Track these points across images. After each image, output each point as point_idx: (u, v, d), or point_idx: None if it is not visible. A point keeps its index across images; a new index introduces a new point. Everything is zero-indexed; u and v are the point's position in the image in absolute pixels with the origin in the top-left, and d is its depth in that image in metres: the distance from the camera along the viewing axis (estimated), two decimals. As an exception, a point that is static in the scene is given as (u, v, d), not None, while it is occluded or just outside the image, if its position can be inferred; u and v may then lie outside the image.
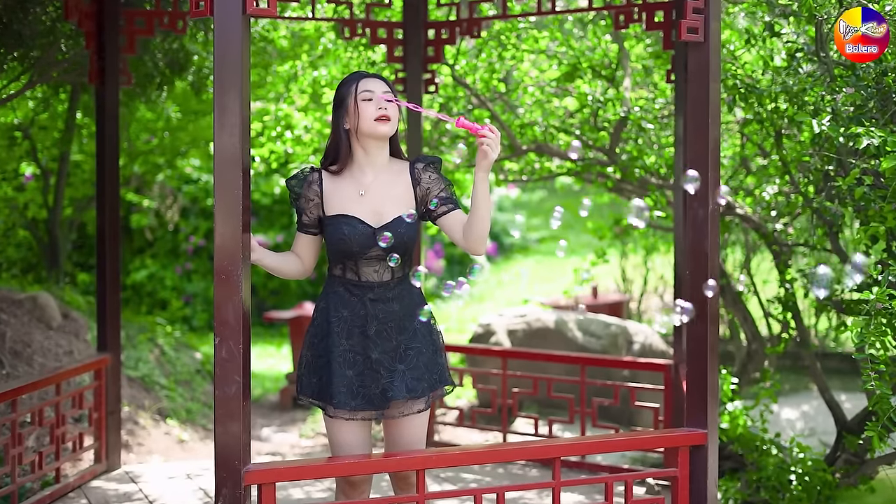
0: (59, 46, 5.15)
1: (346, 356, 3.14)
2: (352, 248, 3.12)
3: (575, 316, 6.83)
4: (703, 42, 3.33)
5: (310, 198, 3.20)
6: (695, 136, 3.37)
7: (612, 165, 5.47)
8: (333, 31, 6.15)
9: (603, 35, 5.93)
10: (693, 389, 3.41)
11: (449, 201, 3.18)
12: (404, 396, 3.11)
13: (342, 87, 3.20)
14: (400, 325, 3.16)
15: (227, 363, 2.86)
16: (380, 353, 3.13)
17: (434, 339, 3.23)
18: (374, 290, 3.15)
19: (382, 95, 3.14)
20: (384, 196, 3.17)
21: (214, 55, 2.85)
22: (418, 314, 3.18)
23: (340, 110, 3.18)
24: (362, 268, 3.16)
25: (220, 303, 2.85)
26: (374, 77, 3.19)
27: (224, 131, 2.84)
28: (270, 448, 6.25)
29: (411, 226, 3.15)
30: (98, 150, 4.82)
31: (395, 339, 3.15)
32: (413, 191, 3.20)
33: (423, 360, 3.16)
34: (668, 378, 4.72)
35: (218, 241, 2.85)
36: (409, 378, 3.12)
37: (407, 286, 3.20)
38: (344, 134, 3.18)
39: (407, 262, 3.22)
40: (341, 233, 3.12)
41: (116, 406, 4.90)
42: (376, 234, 3.12)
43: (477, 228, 3.06)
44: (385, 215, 3.15)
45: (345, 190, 3.18)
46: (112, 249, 4.80)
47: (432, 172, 3.21)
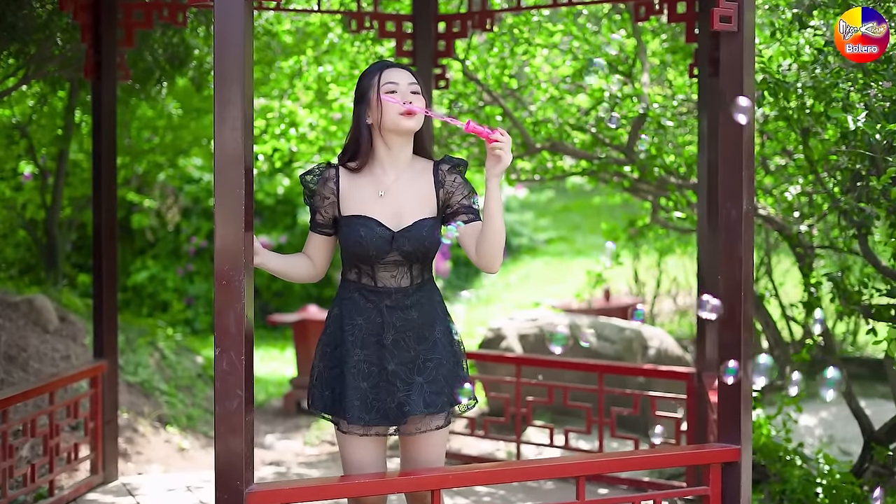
0: (55, 40, 4.96)
1: (361, 367, 2.92)
2: (368, 251, 2.91)
3: (588, 320, 6.62)
4: (736, 32, 3.12)
5: (325, 196, 2.98)
6: (728, 132, 3.16)
7: (629, 164, 5.25)
8: (340, 24, 5.93)
9: (618, 29, 5.72)
10: (725, 402, 3.20)
11: (470, 210, 2.96)
12: (422, 411, 2.89)
13: (364, 79, 2.97)
14: (419, 334, 2.94)
15: (228, 376, 2.65)
16: (396, 364, 2.92)
17: (455, 350, 3.01)
18: (392, 296, 2.94)
19: (408, 88, 2.92)
20: (405, 198, 2.95)
21: (214, 44, 2.65)
22: (438, 323, 2.97)
23: (362, 104, 2.96)
24: (379, 273, 2.94)
25: (221, 310, 2.64)
26: (399, 67, 2.97)
27: (225, 125, 2.64)
28: (274, 456, 6.04)
29: (433, 229, 2.94)
30: (94, 148, 4.61)
31: (414, 350, 2.94)
32: (436, 193, 2.98)
33: (443, 372, 2.94)
34: (690, 387, 4.51)
35: (218, 243, 2.65)
36: (427, 392, 2.91)
37: (427, 293, 2.99)
38: (366, 129, 2.96)
39: (428, 268, 3.01)
40: (357, 235, 2.91)
41: (113, 415, 4.70)
42: (395, 239, 2.91)
43: (490, 242, 2.84)
44: (405, 218, 2.93)
45: (363, 189, 2.97)
46: (109, 251, 4.60)
47: (457, 176, 2.99)
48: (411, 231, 2.91)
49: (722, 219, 3.19)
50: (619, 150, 5.32)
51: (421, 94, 2.96)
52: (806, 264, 5.12)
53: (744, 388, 3.17)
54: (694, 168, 5.26)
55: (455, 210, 2.97)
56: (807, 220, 5.25)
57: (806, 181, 5.12)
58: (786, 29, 4.49)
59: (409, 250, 2.91)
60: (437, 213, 2.98)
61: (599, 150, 5.52)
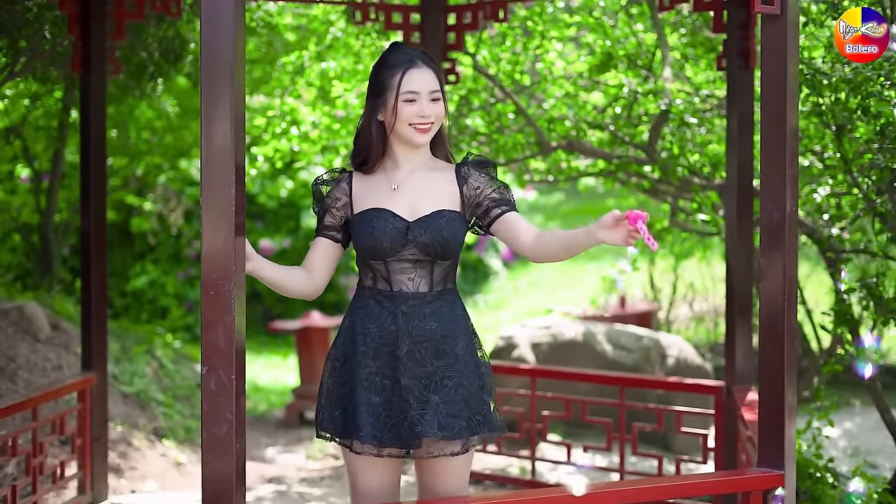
0: (44, 34, 4.69)
1: (373, 379, 2.63)
2: (382, 244, 2.63)
3: (604, 327, 6.32)
4: (779, 15, 2.83)
5: (337, 197, 2.73)
6: (771, 125, 2.87)
7: (650, 164, 4.95)
8: (343, 17, 5.65)
9: (635, 23, 5.42)
10: (767, 423, 2.90)
11: (502, 202, 2.70)
12: (435, 434, 2.58)
13: (383, 72, 2.69)
14: (437, 347, 2.65)
15: (216, 397, 2.37)
16: (410, 378, 2.62)
17: (480, 373, 2.71)
18: (408, 301, 2.65)
19: (429, 96, 2.66)
20: (421, 189, 2.70)
21: (202, 28, 2.36)
22: (460, 338, 2.68)
23: (377, 99, 2.69)
24: (395, 274, 2.66)
25: (209, 324, 2.36)
26: (425, 66, 2.69)
27: (213, 117, 2.36)
28: (275, 471, 5.75)
29: (454, 222, 2.66)
30: (83, 146, 4.33)
31: (430, 364, 2.64)
32: (459, 189, 2.71)
33: (464, 393, 2.64)
34: (718, 402, 4.21)
35: (206, 249, 2.37)
36: (443, 413, 2.60)
37: (448, 303, 2.69)
38: (377, 125, 2.70)
39: (451, 274, 2.72)
40: (370, 227, 2.64)
41: (103, 430, 4.41)
42: (410, 230, 2.63)
43: (556, 252, 2.62)
44: (422, 208, 2.67)
45: (376, 186, 2.71)
46: (98, 256, 4.31)
47: (482, 172, 2.73)
48: (428, 220, 2.65)
49: (763, 221, 2.91)
50: (639, 149, 5.02)
51: (442, 101, 2.70)
52: (837, 270, 4.83)
53: (787, 405, 2.88)
54: (718, 168, 4.97)
55: (487, 207, 2.71)
56: (837, 223, 4.96)
57: (836, 182, 4.83)
58: (819, 19, 4.20)
59: (426, 241, 2.63)
60: (460, 209, 2.70)
61: (618, 149, 5.22)
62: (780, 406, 2.88)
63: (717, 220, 5.02)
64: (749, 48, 4.04)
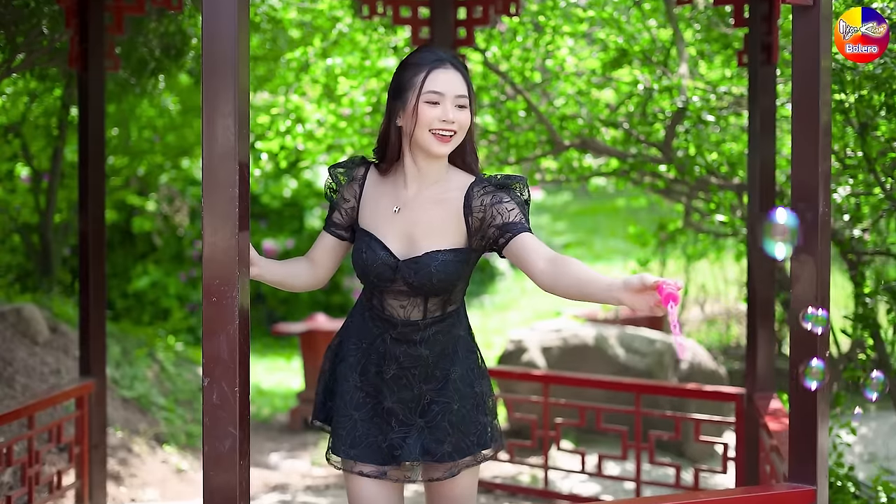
0: (41, 29, 4.55)
1: (356, 394, 2.51)
2: (369, 277, 2.48)
3: (616, 331, 6.17)
4: (812, 6, 2.68)
5: (346, 198, 2.56)
6: (802, 122, 2.72)
7: (666, 163, 4.80)
8: (350, 12, 5.49)
9: (648, 18, 5.27)
10: (798, 436, 2.75)
11: (508, 228, 2.40)
12: (416, 459, 2.44)
13: (406, 71, 2.47)
14: (427, 372, 2.49)
15: (218, 410, 2.22)
16: (395, 402, 2.49)
17: (476, 393, 2.54)
18: (398, 328, 2.49)
19: (454, 101, 2.41)
20: (422, 220, 2.47)
21: (203, 18, 2.22)
22: (455, 363, 2.51)
23: (397, 102, 2.47)
24: (388, 299, 2.50)
25: (211, 333, 2.21)
26: (452, 67, 2.44)
27: (215, 113, 2.21)
28: (279, 478, 5.60)
29: (448, 265, 2.43)
30: (81, 144, 4.19)
31: (417, 388, 2.50)
32: (464, 220, 2.46)
33: (452, 418, 2.48)
34: (739, 409, 4.06)
35: (207, 252, 2.22)
36: (427, 438, 2.46)
37: (445, 329, 2.51)
38: (395, 131, 2.49)
39: (451, 300, 2.53)
40: (360, 257, 2.49)
41: (101, 438, 4.27)
42: (399, 269, 2.44)
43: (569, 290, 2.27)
44: (417, 245, 2.45)
45: (381, 200, 2.52)
46: (97, 258, 4.17)
47: (489, 196, 2.43)
48: (419, 263, 2.44)
49: (794, 223, 2.75)
50: (654, 147, 4.86)
51: (469, 108, 2.46)
52: (859, 272, 4.68)
53: (820, 417, 2.73)
54: (736, 167, 4.82)
55: (494, 238, 2.43)
56: (858, 225, 4.80)
57: (856, 181, 4.67)
58: (840, 12, 4.05)
59: (414, 284, 2.44)
60: (464, 245, 2.47)
61: (632, 148, 5.07)
62: (812, 418, 2.73)
63: (734, 221, 4.87)
64: (772, 42, 3.89)
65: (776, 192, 4.01)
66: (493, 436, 2.57)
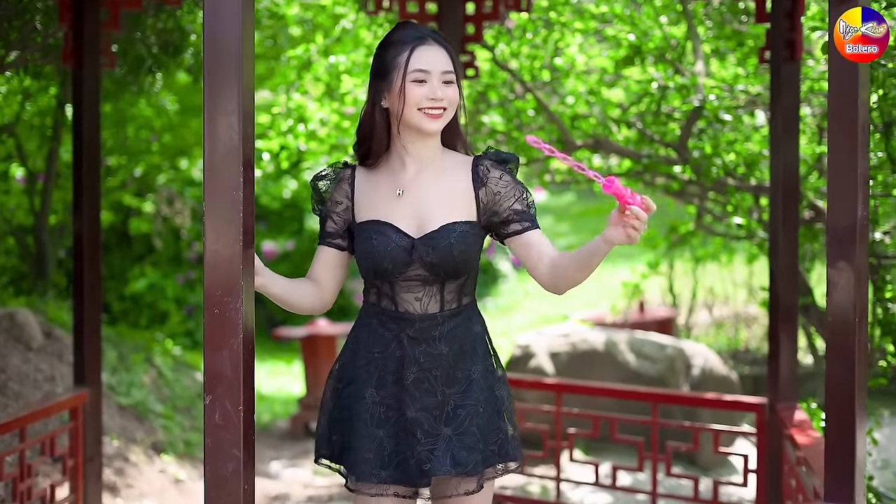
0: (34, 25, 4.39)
1: (376, 410, 2.34)
2: (383, 264, 2.31)
3: (625, 336, 6.01)
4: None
5: (338, 200, 2.40)
6: (839, 121, 2.56)
7: (681, 164, 4.64)
8: (354, 8, 5.32)
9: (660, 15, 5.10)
10: (835, 453, 2.59)
11: (525, 217, 2.36)
12: (448, 472, 2.28)
13: (388, 50, 2.35)
14: (448, 374, 2.34)
15: (221, 431, 2.06)
16: (418, 410, 2.32)
17: (497, 396, 2.39)
18: (416, 324, 2.34)
19: (440, 77, 2.31)
20: (430, 196, 2.35)
21: (204, 9, 2.06)
22: (476, 361, 2.36)
23: (381, 83, 2.35)
24: (400, 293, 2.35)
25: (213, 348, 2.05)
26: (435, 43, 2.34)
27: (218, 110, 2.05)
28: (279, 488, 5.44)
29: (467, 235, 2.32)
30: (75, 144, 4.02)
31: (441, 393, 2.33)
32: (474, 194, 2.36)
33: (479, 422, 2.33)
34: (761, 420, 3.90)
35: (209, 260, 2.05)
36: (456, 447, 2.30)
37: (464, 321, 2.37)
38: (381, 113, 2.36)
39: (466, 288, 2.40)
40: (370, 245, 2.32)
41: (97, 450, 4.10)
42: (415, 248, 2.30)
43: (573, 276, 2.27)
44: (429, 222, 2.33)
45: (379, 188, 2.38)
46: (92, 262, 4.00)
47: (504, 173, 2.37)
48: (436, 238, 2.31)
49: (829, 228, 2.60)
50: (670, 148, 4.70)
51: (456, 83, 2.35)
52: (880, 276, 4.52)
53: (858, 433, 2.58)
54: (753, 168, 4.66)
55: (505, 218, 2.36)
56: (880, 227, 4.65)
57: (875, 183, 4.52)
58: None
59: (433, 262, 2.31)
60: (476, 218, 2.36)
61: (646, 148, 4.91)
62: (851, 434, 2.57)
63: (750, 224, 4.71)
64: (796, 38, 3.73)
65: (800, 194, 3.86)
66: (515, 446, 2.41)
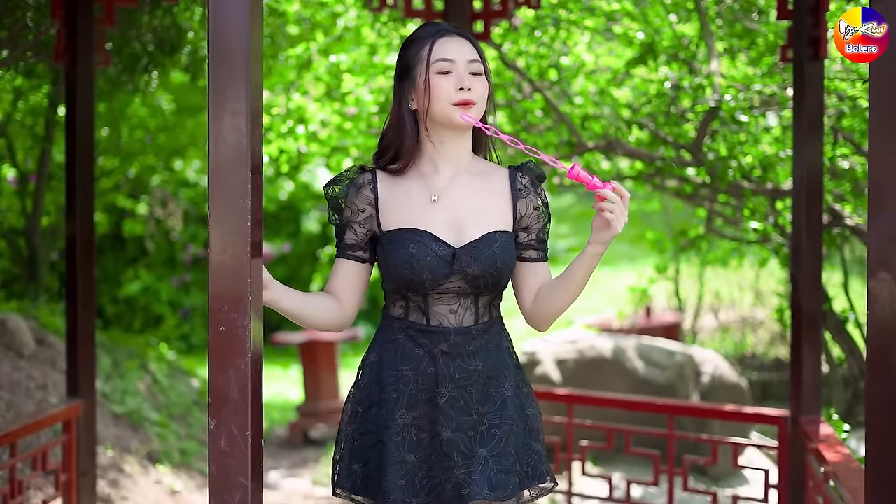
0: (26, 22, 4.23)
1: (408, 433, 2.17)
2: (421, 276, 2.15)
3: (633, 342, 5.86)
4: (893, -10, 2.38)
5: (359, 208, 2.23)
6: (883, 119, 2.41)
7: (696, 166, 4.49)
8: (356, 5, 5.17)
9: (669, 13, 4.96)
10: (877, 475, 2.44)
11: (544, 248, 2.29)
12: (486, 496, 2.13)
13: (410, 48, 2.23)
14: (483, 391, 2.19)
15: (227, 458, 1.90)
16: (453, 430, 2.17)
17: (527, 416, 2.25)
18: (450, 339, 2.18)
19: (467, 67, 2.18)
20: (468, 203, 2.21)
21: (209, 10, 1.90)
22: (508, 377, 2.22)
23: (405, 82, 2.22)
24: (434, 306, 2.19)
25: (218, 368, 1.89)
26: (457, 35, 2.21)
27: (223, 110, 1.89)
28: (278, 499, 5.28)
29: (508, 245, 2.20)
30: (68, 144, 3.86)
31: (476, 412, 2.18)
32: (512, 204, 2.24)
33: (514, 442, 2.19)
34: (782, 433, 3.75)
35: (214, 273, 1.89)
36: (493, 469, 2.15)
37: (495, 335, 2.23)
38: (409, 116, 2.21)
39: (497, 301, 2.26)
40: (406, 255, 2.15)
41: (91, 464, 3.94)
42: (457, 258, 2.15)
43: (557, 306, 2.23)
44: (468, 230, 2.18)
45: (410, 194, 2.21)
46: (85, 266, 3.84)
47: (541, 194, 2.28)
48: (478, 248, 2.16)
49: (870, 235, 2.45)
50: (684, 149, 4.55)
51: (484, 75, 2.21)
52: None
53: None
54: (769, 171, 4.52)
55: (527, 242, 2.26)
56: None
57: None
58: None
59: (475, 274, 2.16)
60: (511, 229, 2.24)
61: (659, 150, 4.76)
62: (893, 451, 2.42)
63: (767, 228, 4.57)
64: (820, 36, 3.58)
65: (823, 198, 3.71)
66: (548, 469, 2.28)
